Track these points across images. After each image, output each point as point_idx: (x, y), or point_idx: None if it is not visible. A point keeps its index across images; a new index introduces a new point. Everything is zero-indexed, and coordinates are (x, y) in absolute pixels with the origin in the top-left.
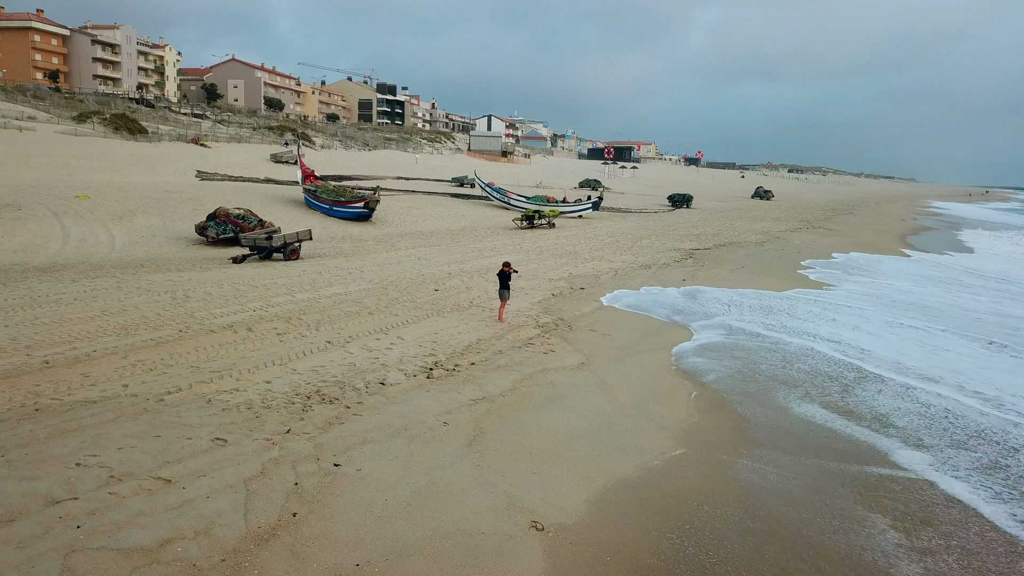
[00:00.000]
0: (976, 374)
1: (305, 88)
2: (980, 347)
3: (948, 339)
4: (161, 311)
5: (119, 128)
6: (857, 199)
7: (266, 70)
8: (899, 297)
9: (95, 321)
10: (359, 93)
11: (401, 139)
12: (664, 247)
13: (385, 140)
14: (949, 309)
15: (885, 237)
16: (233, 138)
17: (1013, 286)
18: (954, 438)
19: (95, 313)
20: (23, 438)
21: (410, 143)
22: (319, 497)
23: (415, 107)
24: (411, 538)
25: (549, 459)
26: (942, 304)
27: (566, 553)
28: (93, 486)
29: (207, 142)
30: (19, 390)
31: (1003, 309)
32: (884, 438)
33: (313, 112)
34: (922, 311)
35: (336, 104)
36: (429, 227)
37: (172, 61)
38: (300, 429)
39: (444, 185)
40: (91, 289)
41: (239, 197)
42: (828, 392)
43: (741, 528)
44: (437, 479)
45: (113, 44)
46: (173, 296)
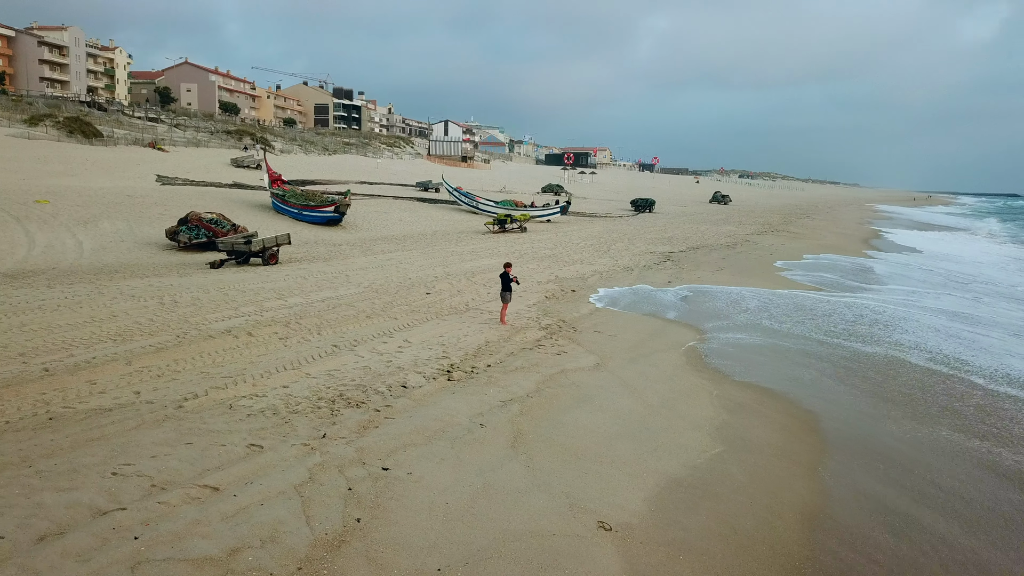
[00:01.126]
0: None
1: (260, 92)
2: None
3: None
4: (153, 316)
5: (73, 132)
6: (810, 204)
7: (220, 74)
8: (868, 294)
9: (87, 327)
10: (315, 98)
11: (360, 144)
12: (639, 250)
13: (345, 145)
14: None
15: (847, 240)
16: (191, 142)
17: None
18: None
19: (84, 319)
20: (46, 448)
21: (370, 148)
22: (378, 502)
23: (372, 112)
24: (483, 541)
25: (595, 459)
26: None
27: (640, 553)
28: (137, 496)
29: (164, 146)
30: (26, 399)
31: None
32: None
33: (269, 116)
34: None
35: (292, 109)
36: (401, 231)
37: (122, 64)
38: (335, 434)
39: (409, 189)
40: (71, 295)
41: (204, 202)
42: (856, 382)
43: (803, 527)
44: (491, 481)
45: (60, 46)
46: (161, 301)
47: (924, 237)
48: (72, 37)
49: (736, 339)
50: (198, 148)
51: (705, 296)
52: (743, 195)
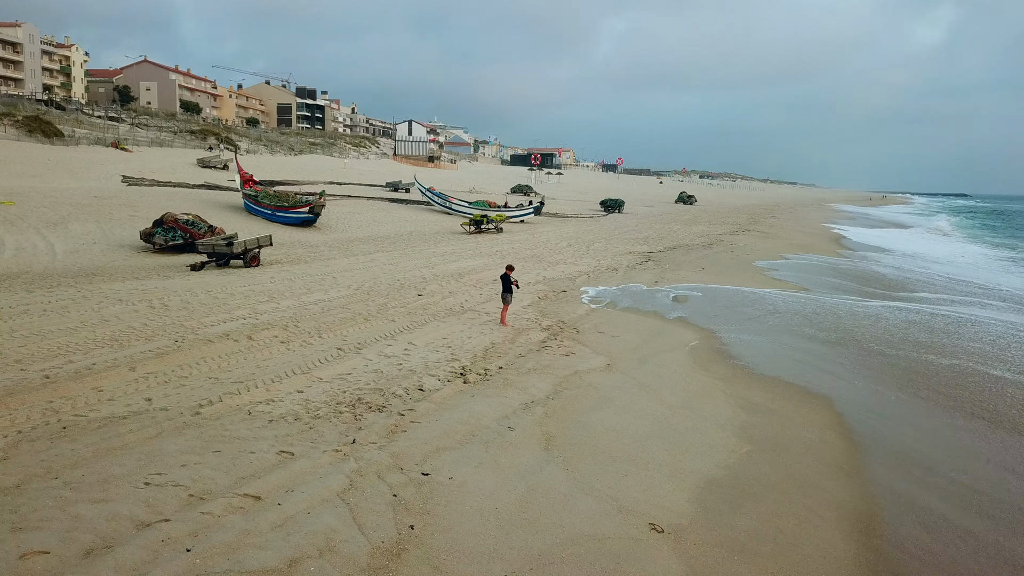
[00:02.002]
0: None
1: (222, 91)
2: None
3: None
4: (147, 320)
5: (33, 131)
6: (772, 204)
7: (180, 72)
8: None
9: (80, 332)
10: (278, 97)
11: (326, 144)
12: (619, 250)
13: (310, 145)
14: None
15: (818, 239)
16: (154, 142)
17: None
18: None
19: (74, 324)
20: (68, 458)
21: (335, 148)
22: (426, 508)
23: (336, 112)
24: (542, 546)
25: (631, 461)
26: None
27: (695, 554)
28: (177, 506)
29: (128, 146)
30: (34, 407)
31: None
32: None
33: (231, 116)
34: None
35: (254, 108)
36: (376, 232)
37: (79, 62)
38: (364, 439)
39: (378, 190)
40: (55, 299)
41: (173, 203)
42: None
43: (844, 526)
44: (534, 485)
45: (14, 43)
46: (151, 305)
47: (888, 235)
48: (26, 34)
49: (736, 339)
50: (162, 148)
51: (695, 296)
52: (707, 195)
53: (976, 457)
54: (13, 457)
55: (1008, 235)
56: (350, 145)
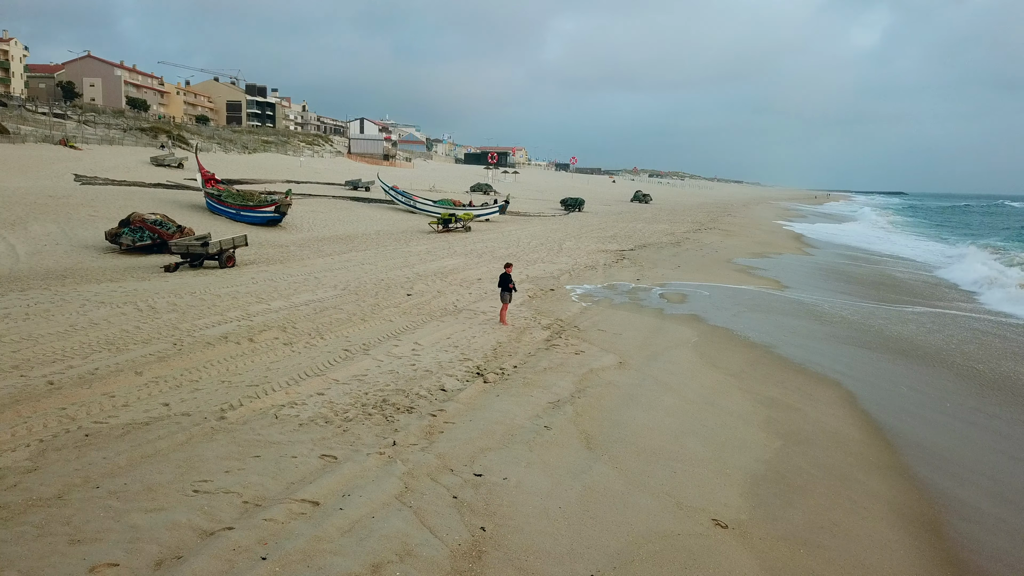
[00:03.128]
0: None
1: (169, 88)
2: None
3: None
4: (139, 323)
5: None
6: (724, 202)
7: (126, 68)
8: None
9: (73, 336)
10: (227, 94)
11: (279, 142)
12: (591, 248)
13: (264, 143)
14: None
15: (778, 237)
16: (104, 140)
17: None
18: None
19: (63, 328)
20: (103, 466)
21: (289, 146)
22: (489, 509)
23: (286, 109)
24: (617, 544)
25: (674, 458)
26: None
27: (764, 548)
28: (235, 513)
29: (77, 144)
30: (48, 415)
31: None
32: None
33: (178, 113)
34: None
35: (203, 106)
36: (343, 231)
37: (18, 56)
38: (404, 440)
39: (337, 188)
40: (33, 303)
41: (132, 202)
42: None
43: (893, 519)
44: (589, 484)
45: None
46: (137, 308)
47: (846, 231)
48: None
49: (733, 335)
50: (112, 146)
51: (682, 294)
52: (660, 194)
53: (998, 451)
54: (43, 467)
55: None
56: (303, 143)
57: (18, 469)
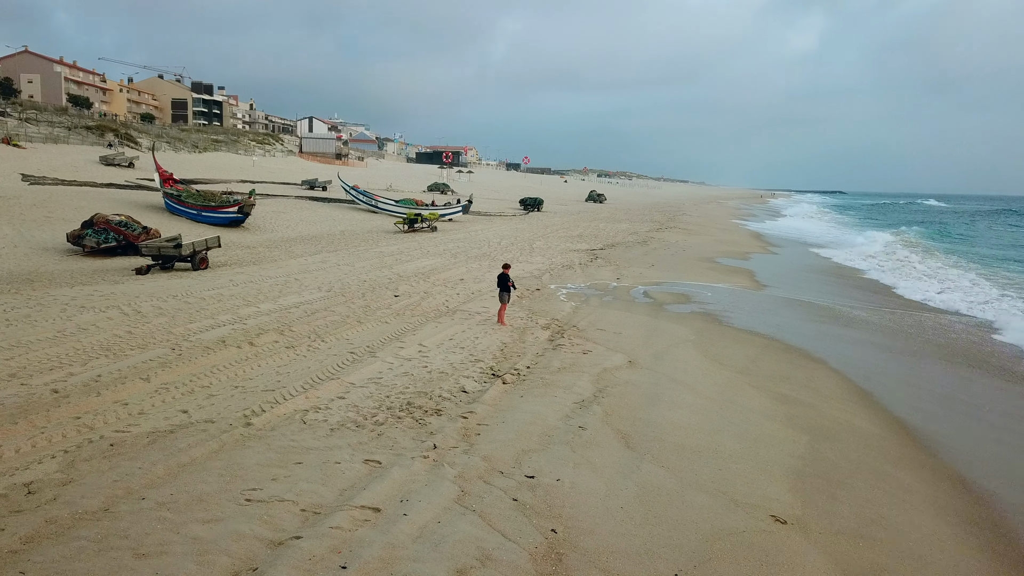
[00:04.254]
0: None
1: (111, 85)
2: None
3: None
4: (131, 328)
5: None
6: (675, 201)
7: (66, 64)
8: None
9: (65, 342)
10: (172, 92)
11: (229, 141)
12: (561, 248)
13: (214, 142)
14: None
15: (738, 235)
16: (49, 138)
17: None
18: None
19: (52, 334)
20: (142, 477)
21: (239, 145)
22: (552, 511)
23: (234, 108)
24: (691, 543)
25: (713, 455)
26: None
27: (826, 542)
28: (297, 522)
29: (20, 142)
30: (65, 425)
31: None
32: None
33: (122, 111)
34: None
35: (147, 103)
36: (308, 232)
37: None
38: (444, 443)
39: (294, 188)
40: (10, 308)
41: (86, 202)
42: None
43: (932, 512)
44: (642, 483)
45: None
46: (123, 312)
47: (793, 226)
48: None
49: (727, 332)
50: (58, 145)
51: (665, 293)
52: (612, 194)
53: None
54: (78, 479)
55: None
56: (254, 142)
57: (53, 481)
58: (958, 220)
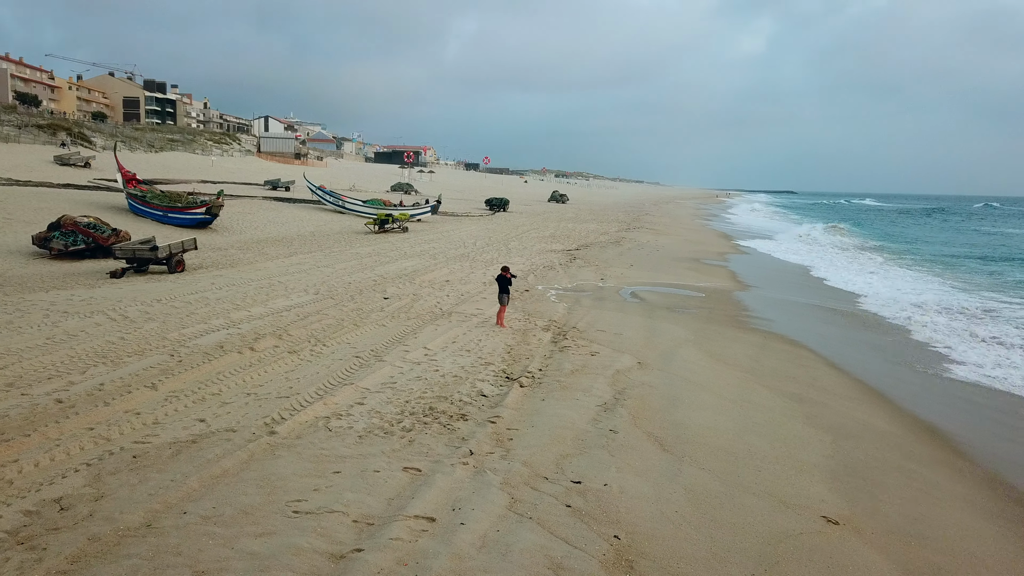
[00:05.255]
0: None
1: (60, 83)
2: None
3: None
4: (124, 334)
5: None
6: (635, 201)
7: (12, 61)
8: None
9: (57, 350)
10: (124, 90)
11: (186, 140)
12: (538, 249)
13: (169, 141)
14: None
15: (705, 234)
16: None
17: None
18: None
19: (41, 341)
20: (177, 491)
21: (196, 144)
22: (608, 516)
23: (188, 106)
24: (753, 546)
25: (748, 456)
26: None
27: (882, 543)
28: (354, 534)
29: None
30: (79, 437)
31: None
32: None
33: (71, 109)
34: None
35: (98, 102)
36: (278, 233)
37: None
38: (480, 449)
39: (257, 188)
40: None
41: (45, 203)
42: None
43: (971, 512)
44: (688, 486)
45: None
46: (109, 317)
47: (746, 221)
48: None
49: (724, 332)
50: (8, 144)
51: (652, 293)
52: (573, 194)
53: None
54: (109, 493)
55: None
56: (211, 142)
57: (83, 496)
58: (879, 217)
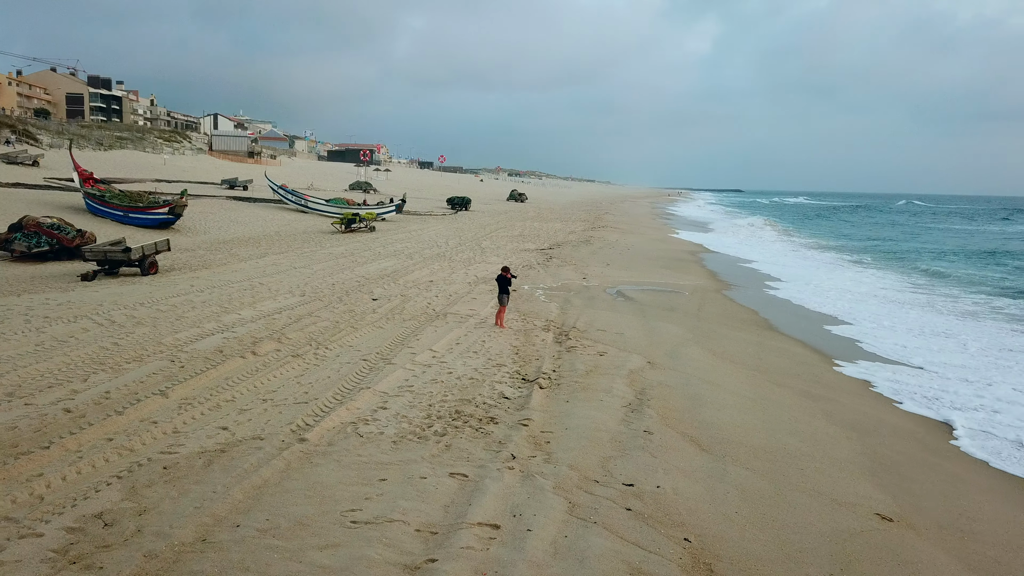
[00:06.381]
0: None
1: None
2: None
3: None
4: (117, 340)
5: None
6: (592, 200)
7: None
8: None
9: (50, 357)
10: (67, 86)
11: (135, 138)
12: (511, 248)
13: (118, 139)
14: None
15: (670, 233)
16: None
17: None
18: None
19: (31, 348)
20: (223, 503)
21: (146, 142)
22: (671, 519)
23: (134, 103)
24: (821, 546)
25: (786, 455)
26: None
27: (939, 539)
28: (420, 543)
29: None
30: (99, 448)
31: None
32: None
33: (11, 105)
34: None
35: (39, 98)
36: (243, 233)
37: None
38: (520, 453)
39: (213, 188)
40: None
41: None
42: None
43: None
44: (738, 486)
45: None
46: (96, 322)
47: (698, 214)
48: None
49: (720, 331)
50: None
51: (637, 291)
52: (529, 193)
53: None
54: (151, 507)
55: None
56: (161, 140)
57: (125, 511)
58: (800, 212)
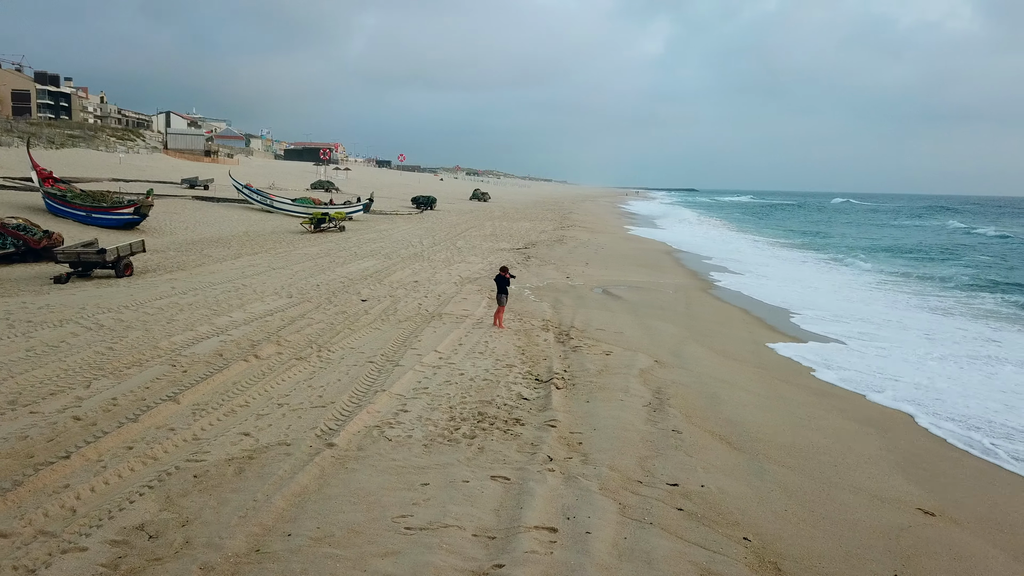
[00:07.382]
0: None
1: None
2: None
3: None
4: (111, 344)
5: None
6: (553, 200)
7: None
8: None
9: (46, 362)
10: (12, 82)
11: (87, 136)
12: (487, 248)
13: (70, 137)
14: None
15: (636, 231)
16: None
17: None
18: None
19: (22, 354)
20: (266, 512)
21: (98, 141)
22: (723, 518)
23: (84, 100)
24: (878, 541)
25: (816, 451)
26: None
27: (984, 532)
28: (480, 548)
29: None
30: (121, 457)
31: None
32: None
33: None
34: None
35: None
36: (211, 233)
37: None
38: (555, 455)
39: (173, 187)
40: None
41: None
42: None
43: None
44: (780, 484)
45: None
46: (85, 327)
47: (664, 212)
48: None
49: (717, 331)
50: None
51: (624, 289)
52: (491, 192)
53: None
54: (194, 517)
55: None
56: (114, 138)
57: (168, 522)
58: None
